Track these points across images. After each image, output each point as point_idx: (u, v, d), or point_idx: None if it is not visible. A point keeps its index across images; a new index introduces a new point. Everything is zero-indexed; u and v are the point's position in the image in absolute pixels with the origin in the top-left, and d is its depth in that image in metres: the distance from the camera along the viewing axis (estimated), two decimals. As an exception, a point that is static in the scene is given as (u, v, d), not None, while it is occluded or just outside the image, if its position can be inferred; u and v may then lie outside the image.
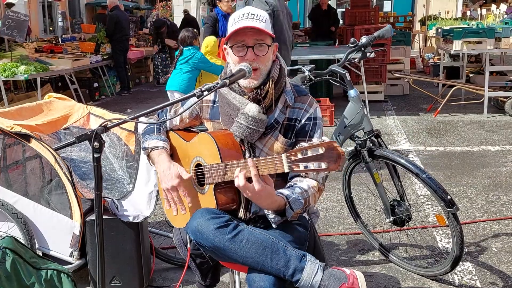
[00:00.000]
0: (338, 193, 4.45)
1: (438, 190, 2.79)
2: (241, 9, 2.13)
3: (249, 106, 2.06)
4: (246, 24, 2.01)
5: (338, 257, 3.37)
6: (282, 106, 2.12)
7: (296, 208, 1.97)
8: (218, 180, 2.01)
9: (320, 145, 1.68)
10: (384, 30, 3.35)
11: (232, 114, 2.10)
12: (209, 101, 2.25)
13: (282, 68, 2.14)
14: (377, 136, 3.16)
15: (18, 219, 2.81)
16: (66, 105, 3.53)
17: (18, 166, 2.96)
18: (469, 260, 3.27)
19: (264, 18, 2.05)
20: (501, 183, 4.72)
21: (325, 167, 1.67)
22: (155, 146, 2.25)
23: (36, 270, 2.48)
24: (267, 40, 2.05)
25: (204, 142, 2.12)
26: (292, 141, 2.14)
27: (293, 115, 2.15)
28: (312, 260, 1.93)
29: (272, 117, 2.10)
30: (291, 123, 2.15)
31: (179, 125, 2.37)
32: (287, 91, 2.14)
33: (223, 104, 2.15)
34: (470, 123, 6.49)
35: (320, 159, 1.68)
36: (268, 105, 2.09)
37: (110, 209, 2.83)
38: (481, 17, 10.23)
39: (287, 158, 1.75)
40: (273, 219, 1.98)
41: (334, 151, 1.67)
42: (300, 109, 2.15)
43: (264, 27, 2.02)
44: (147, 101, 10.05)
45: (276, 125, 2.12)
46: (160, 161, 2.20)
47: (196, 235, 1.99)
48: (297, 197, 1.98)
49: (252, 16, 2.03)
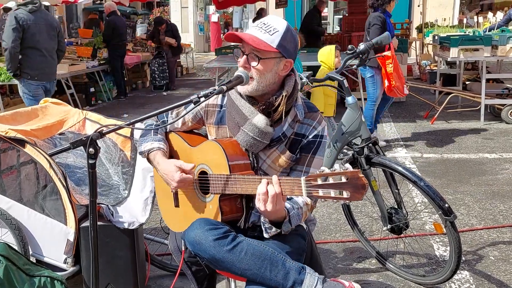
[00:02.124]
0: (335, 201, 4.42)
1: (436, 198, 2.77)
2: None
3: (258, 117, 2.04)
4: (250, 31, 1.99)
5: (335, 265, 3.35)
6: (291, 120, 2.10)
7: (294, 223, 1.98)
8: (225, 191, 1.98)
9: (344, 173, 1.61)
10: (382, 37, 3.35)
11: (239, 122, 2.07)
12: (216, 105, 2.21)
13: (296, 84, 2.10)
14: (375, 143, 3.15)
15: (11, 225, 2.78)
16: (61, 110, 3.50)
17: (12, 172, 2.93)
18: (467, 269, 3.25)
19: (274, 31, 1.98)
20: (498, 191, 4.71)
21: (347, 197, 1.60)
22: (151, 148, 2.22)
23: (29, 277, 2.44)
24: (264, 53, 1.98)
25: (211, 150, 2.09)
26: (297, 157, 2.13)
27: (301, 130, 2.13)
28: (311, 273, 1.91)
29: (280, 130, 2.08)
30: (298, 138, 2.13)
31: (180, 128, 2.33)
32: (298, 105, 2.12)
33: (231, 110, 2.12)
34: (466, 130, 6.50)
35: (342, 187, 1.61)
36: (277, 119, 2.07)
37: (105, 215, 2.80)
38: (478, 25, 10.27)
39: (307, 182, 1.70)
40: (268, 229, 1.97)
41: (359, 181, 1.59)
42: (309, 125, 2.13)
43: (265, 39, 1.96)
44: (143, 106, 10.02)
45: (283, 139, 2.10)
46: (159, 162, 2.17)
47: (194, 246, 1.96)
48: (297, 213, 1.98)
49: (261, 25, 2.00)
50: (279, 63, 2.02)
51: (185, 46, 15.64)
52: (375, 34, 5.97)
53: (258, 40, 1.96)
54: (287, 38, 2.00)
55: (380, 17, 6.10)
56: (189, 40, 21.85)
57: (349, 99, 3.27)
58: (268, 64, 2.00)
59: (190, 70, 16.25)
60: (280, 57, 2.01)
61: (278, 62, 2.02)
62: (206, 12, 25.30)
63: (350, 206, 3.47)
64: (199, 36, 25.15)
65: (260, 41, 1.96)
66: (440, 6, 18.39)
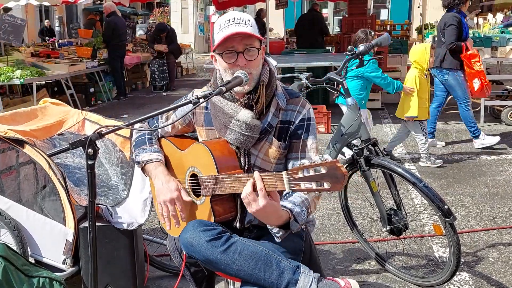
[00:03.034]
0: (335, 201, 4.43)
1: (435, 200, 2.77)
2: (224, 14, 2.09)
3: (242, 112, 2.04)
4: (234, 30, 1.97)
5: (334, 266, 3.34)
6: (274, 110, 2.10)
7: (301, 220, 1.94)
8: (215, 192, 1.98)
9: (322, 164, 1.62)
10: (382, 38, 3.35)
11: (225, 122, 2.07)
12: (201, 107, 2.21)
13: (272, 71, 2.11)
14: (374, 144, 3.15)
15: (10, 225, 2.78)
16: (61, 110, 3.50)
17: (11, 172, 2.92)
18: (466, 270, 3.25)
19: (250, 22, 2.01)
20: (497, 192, 4.71)
21: (327, 187, 1.61)
22: (149, 159, 2.21)
23: (28, 277, 2.44)
24: (256, 44, 2.02)
25: (199, 153, 2.09)
26: (287, 144, 2.11)
27: (286, 117, 2.12)
28: (306, 272, 1.90)
29: (266, 122, 2.08)
30: (285, 125, 2.12)
31: (171, 132, 2.33)
32: (278, 94, 2.11)
33: (215, 112, 2.12)
34: (466, 131, 6.48)
35: (323, 179, 1.61)
36: (260, 110, 2.06)
37: (104, 216, 2.80)
38: (477, 26, 10.27)
39: (288, 176, 1.70)
40: (277, 233, 1.94)
41: (337, 170, 1.60)
42: (292, 111, 2.12)
43: (251, 31, 1.98)
44: (143, 106, 10.02)
45: (270, 129, 2.09)
46: (158, 174, 2.16)
47: (188, 248, 1.96)
48: (301, 209, 1.95)
49: (238, 21, 1.99)
50: (261, 52, 2.07)
51: (185, 47, 15.66)
52: (452, 34, 5.82)
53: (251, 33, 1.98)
54: (258, 27, 2.07)
55: (456, 17, 5.93)
56: (189, 40, 21.87)
57: (349, 100, 3.27)
58: (260, 55, 2.05)
59: (190, 70, 16.25)
60: (262, 46, 2.07)
61: (261, 51, 2.07)
62: (206, 13, 25.32)
63: (350, 207, 3.47)
64: (199, 36, 25.17)
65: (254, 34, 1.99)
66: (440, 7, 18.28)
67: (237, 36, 1.97)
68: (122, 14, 13.70)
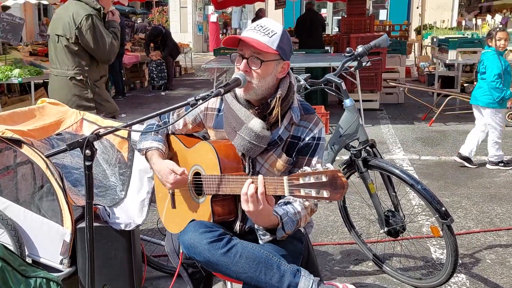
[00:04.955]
0: (332, 202, 4.43)
1: (432, 202, 2.77)
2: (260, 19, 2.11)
3: (253, 121, 2.03)
4: (248, 35, 1.99)
5: (332, 267, 3.35)
6: (287, 123, 2.09)
7: (288, 229, 1.96)
8: (216, 192, 1.98)
9: (324, 172, 1.62)
10: (380, 40, 3.34)
11: (235, 126, 2.07)
12: (214, 109, 2.22)
13: (291, 85, 2.09)
14: (372, 146, 3.15)
15: (8, 225, 2.77)
16: (59, 110, 3.49)
17: (9, 172, 2.92)
18: (463, 272, 3.25)
19: (272, 33, 1.99)
20: (495, 194, 4.72)
21: (327, 196, 1.61)
22: (149, 146, 2.25)
23: (25, 278, 2.43)
24: (266, 56, 1.99)
25: (204, 151, 2.09)
26: (294, 160, 2.12)
27: (298, 133, 2.12)
28: (306, 276, 1.91)
29: (276, 134, 2.07)
30: (295, 141, 2.12)
31: (181, 130, 2.34)
32: (293, 108, 2.10)
33: (228, 114, 2.12)
34: (464, 132, 6.49)
35: (323, 187, 1.62)
36: (273, 122, 2.06)
37: (102, 216, 2.80)
38: (476, 27, 10.28)
39: (289, 181, 1.70)
40: (263, 235, 1.97)
41: (338, 180, 1.60)
42: (305, 127, 2.12)
43: (265, 41, 1.97)
44: (141, 106, 10.00)
45: (280, 142, 2.09)
46: (155, 162, 2.20)
47: (189, 250, 1.96)
48: (291, 218, 1.96)
49: (260, 28, 2.00)
50: (278, 65, 2.03)
51: (184, 46, 15.63)
52: None
53: (260, 42, 1.96)
54: (284, 40, 2.02)
55: None
56: (187, 40, 21.84)
57: (347, 102, 3.26)
58: (268, 67, 2.01)
59: (188, 70, 16.23)
60: (278, 59, 2.03)
61: (277, 64, 2.03)
62: (205, 12, 25.29)
63: (347, 208, 3.47)
64: (197, 36, 25.12)
65: (262, 43, 1.96)
66: (439, 8, 18.42)
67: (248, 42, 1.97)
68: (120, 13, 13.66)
